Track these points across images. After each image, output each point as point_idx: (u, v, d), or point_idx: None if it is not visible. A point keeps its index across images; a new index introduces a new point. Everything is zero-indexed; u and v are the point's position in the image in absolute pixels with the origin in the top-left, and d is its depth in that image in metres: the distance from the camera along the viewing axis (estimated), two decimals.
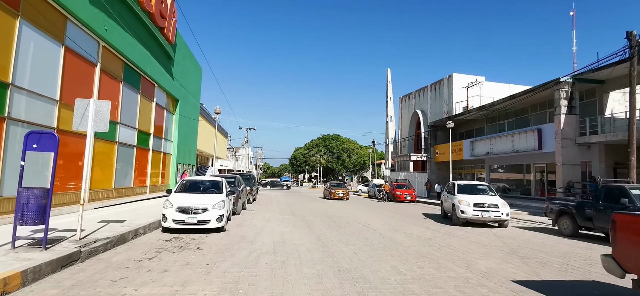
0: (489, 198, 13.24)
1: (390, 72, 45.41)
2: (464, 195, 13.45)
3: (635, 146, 12.17)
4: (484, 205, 12.79)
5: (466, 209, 12.85)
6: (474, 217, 12.68)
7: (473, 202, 12.86)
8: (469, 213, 12.74)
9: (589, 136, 17.87)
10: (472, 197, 13.29)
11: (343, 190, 28.41)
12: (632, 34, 12.06)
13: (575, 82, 18.42)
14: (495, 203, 12.83)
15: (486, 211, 12.65)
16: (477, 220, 12.81)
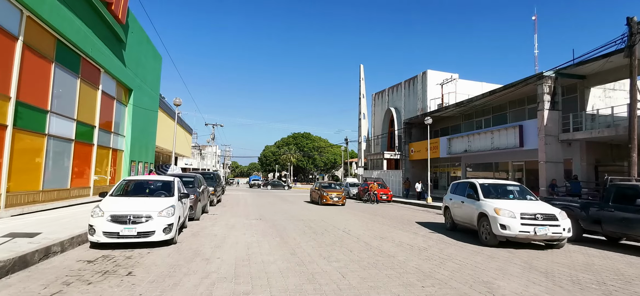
0: (536, 205, 9.08)
1: (363, 68, 44.28)
2: (501, 202, 9.28)
3: (636, 141, 11.32)
4: (536, 217, 8.56)
5: (510, 223, 8.44)
6: (522, 234, 8.38)
7: (519, 212, 8.55)
8: (515, 228, 8.38)
9: (572, 132, 17.21)
10: (512, 203, 9.15)
11: (338, 192, 21.53)
12: (633, 19, 11.20)
13: (557, 77, 17.72)
14: (551, 214, 8.65)
15: (541, 226, 8.40)
16: (527, 239, 8.61)
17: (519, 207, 8.82)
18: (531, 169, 21.00)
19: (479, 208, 9.57)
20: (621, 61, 14.93)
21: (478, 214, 9.53)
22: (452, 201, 11.63)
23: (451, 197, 11.81)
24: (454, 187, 12.16)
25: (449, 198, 11.93)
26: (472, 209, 10.00)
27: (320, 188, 21.97)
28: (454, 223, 11.46)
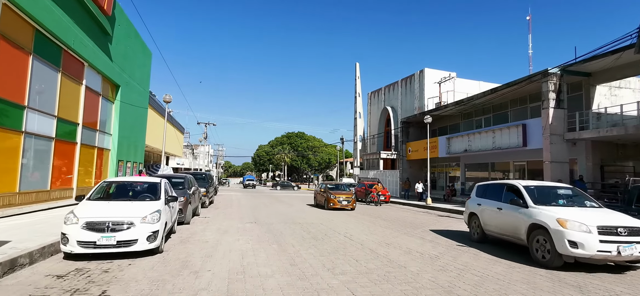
0: (611, 216, 7.05)
1: (359, 66, 43.60)
2: (565, 211, 7.26)
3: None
4: (619, 231, 6.52)
5: (583, 239, 6.49)
6: (600, 254, 6.42)
7: (596, 225, 6.58)
8: (591, 246, 6.43)
9: (578, 132, 16.66)
10: (581, 213, 7.12)
11: (347, 194, 18.41)
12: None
13: (563, 74, 17.16)
14: (637, 228, 6.62)
15: (627, 244, 6.41)
16: (607, 260, 6.62)
17: (593, 218, 6.77)
18: (533, 169, 20.47)
19: (529, 217, 7.52)
20: (630, 58, 14.41)
21: (529, 225, 7.48)
22: (481, 207, 9.52)
23: (480, 202, 9.65)
24: (483, 189, 10.00)
25: (477, 204, 9.77)
26: (517, 218, 7.94)
27: (327, 191, 18.91)
28: (485, 233, 9.38)
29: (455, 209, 19.02)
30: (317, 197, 20.69)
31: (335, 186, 20.24)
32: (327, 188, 19.24)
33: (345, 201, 18.01)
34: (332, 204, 17.93)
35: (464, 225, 13.32)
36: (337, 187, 19.96)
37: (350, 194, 18.66)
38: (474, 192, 10.43)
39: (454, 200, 25.40)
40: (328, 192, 18.60)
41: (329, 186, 19.81)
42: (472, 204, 10.19)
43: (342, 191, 19.07)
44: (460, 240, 10.21)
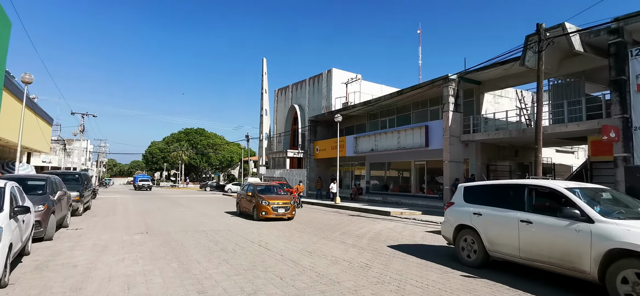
0: None
1: (266, 62, 42.10)
2: None
3: (541, 143, 11.93)
4: None
5: None
6: None
7: None
8: None
9: (472, 134, 18.21)
10: None
11: (284, 199, 14.52)
12: (541, 26, 11.78)
13: (460, 81, 18.59)
14: None
15: None
16: None
17: None
18: (433, 168, 21.93)
19: (603, 239, 4.98)
20: (515, 70, 16.14)
21: (606, 252, 4.92)
22: (483, 218, 6.84)
23: (479, 211, 6.97)
24: (479, 192, 7.32)
25: (473, 212, 7.08)
26: (572, 239, 5.35)
27: (256, 195, 14.35)
28: (487, 255, 6.77)
29: (364, 208, 19.16)
30: (241, 202, 15.90)
31: (267, 188, 15.51)
32: (257, 192, 14.63)
33: (283, 208, 13.93)
34: (264, 212, 13.69)
35: (379, 224, 13.50)
36: (268, 189, 15.29)
37: (288, 199, 14.55)
38: (458, 196, 7.71)
39: (360, 199, 25.94)
40: (258, 197, 14.19)
41: (258, 188, 15.03)
42: (460, 212, 7.43)
43: (277, 194, 14.85)
44: (375, 243, 9.78)
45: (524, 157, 21.58)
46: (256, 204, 14.09)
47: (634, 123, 11.78)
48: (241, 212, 16.04)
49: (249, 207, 14.88)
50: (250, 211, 14.60)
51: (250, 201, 14.74)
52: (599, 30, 12.72)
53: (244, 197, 15.54)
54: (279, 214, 13.82)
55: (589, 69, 15.23)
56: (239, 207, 16.39)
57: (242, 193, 16.13)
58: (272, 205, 13.77)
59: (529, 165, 22.07)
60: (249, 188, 15.51)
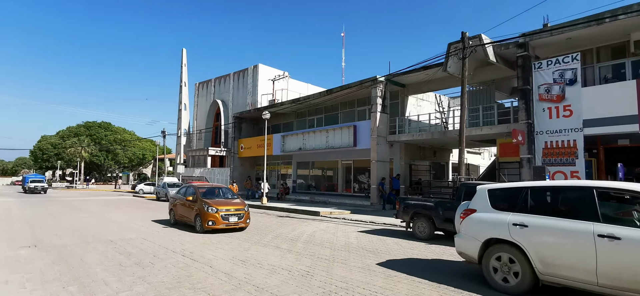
0: None
1: (186, 53, 39.10)
2: None
3: (464, 144, 12.71)
4: None
5: None
6: None
7: None
8: None
9: (398, 134, 18.91)
10: None
11: (237, 204, 11.76)
12: (466, 34, 12.54)
13: (387, 83, 19.19)
14: None
15: None
16: None
17: None
18: (359, 167, 22.33)
19: None
20: (438, 75, 17.12)
21: None
22: (530, 230, 5.27)
23: (523, 221, 5.38)
24: (516, 196, 5.71)
25: (511, 222, 5.48)
26: None
27: (199, 200, 11.44)
28: (538, 279, 5.18)
29: (293, 208, 18.65)
30: (177, 209, 12.69)
31: (211, 190, 12.54)
32: (200, 196, 11.62)
33: (236, 215, 11.23)
34: (211, 222, 10.75)
35: (311, 225, 12.77)
36: (213, 192, 12.44)
37: (241, 205, 11.78)
38: (481, 201, 6.11)
39: (287, 199, 25.41)
40: (202, 202, 11.23)
41: (201, 190, 12.15)
42: (489, 223, 5.78)
43: (226, 199, 12.12)
44: (311, 247, 9.34)
45: (441, 157, 23.22)
46: (200, 212, 11.06)
47: (536, 129, 13.20)
48: (176, 221, 12.72)
49: (188, 214, 11.76)
50: (191, 220, 11.50)
51: (190, 207, 11.69)
52: (509, 43, 14.03)
53: (181, 202, 12.43)
54: (231, 224, 11.06)
55: (498, 79, 16.83)
56: (173, 215, 12.95)
57: (177, 198, 12.95)
58: (221, 213, 10.96)
59: (445, 165, 23.83)
60: (188, 191, 12.49)
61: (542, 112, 13.05)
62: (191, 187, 12.76)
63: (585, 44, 13.29)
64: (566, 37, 12.83)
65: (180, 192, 13.18)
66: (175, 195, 13.55)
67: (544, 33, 12.98)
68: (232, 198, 12.47)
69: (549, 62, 12.97)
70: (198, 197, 11.58)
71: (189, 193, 12.27)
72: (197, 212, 11.25)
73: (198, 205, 11.33)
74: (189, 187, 12.95)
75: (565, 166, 12.43)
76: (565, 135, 12.53)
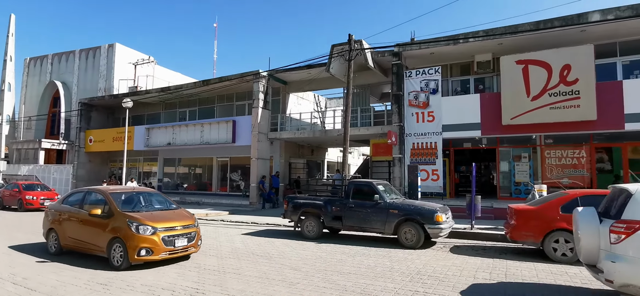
0: None
1: (14, 19, 30.55)
2: None
3: (348, 143, 13.09)
4: None
5: None
6: None
7: None
8: None
9: (279, 132, 18.57)
10: None
11: (184, 219, 7.64)
12: (352, 37, 12.95)
13: (270, 78, 18.65)
14: None
15: None
16: None
17: None
18: (236, 165, 21.14)
19: None
20: (319, 74, 17.41)
21: None
22: None
23: None
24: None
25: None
26: None
27: (119, 213, 7.20)
28: None
29: None
30: (66, 229, 7.94)
31: (130, 197, 7.96)
32: (119, 207, 7.34)
33: (185, 237, 7.29)
34: (145, 250, 6.71)
35: None
36: (134, 201, 7.92)
37: (191, 218, 7.79)
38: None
39: None
40: (124, 217, 7.05)
41: (116, 196, 7.67)
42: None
43: (166, 210, 8.03)
44: (198, 258, 8.13)
45: (317, 155, 23.93)
46: (121, 234, 6.83)
47: (406, 131, 14.65)
48: (64, 248, 7.95)
49: (93, 239, 7.33)
50: (102, 248, 7.09)
51: (97, 226, 7.26)
52: (385, 51, 15.23)
53: (76, 217, 7.80)
54: (176, 250, 7.05)
55: (373, 83, 18.18)
56: (55, 239, 8.07)
57: (66, 211, 8.12)
58: (162, 234, 6.93)
59: (320, 163, 24.68)
60: (91, 198, 7.93)
61: (411, 116, 14.56)
62: (96, 192, 8.04)
63: (444, 60, 15.40)
64: (430, 51, 14.60)
65: (69, 201, 8.42)
66: (59, 206, 8.58)
67: (413, 45, 14.48)
68: (169, 207, 8.19)
69: (417, 71, 14.56)
70: (115, 209, 7.21)
71: (93, 201, 7.79)
72: (114, 234, 6.89)
73: (116, 223, 6.98)
74: (91, 192, 8.15)
75: (428, 165, 14.14)
76: (429, 137, 14.25)
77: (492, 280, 6.17)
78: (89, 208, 7.55)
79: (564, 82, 11.95)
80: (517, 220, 7.98)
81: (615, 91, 11.76)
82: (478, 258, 7.76)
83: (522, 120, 12.56)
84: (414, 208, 9.07)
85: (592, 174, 12.93)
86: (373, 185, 9.69)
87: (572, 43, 12.51)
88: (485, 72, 14.77)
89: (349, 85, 12.92)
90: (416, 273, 6.61)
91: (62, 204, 8.51)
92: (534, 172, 13.87)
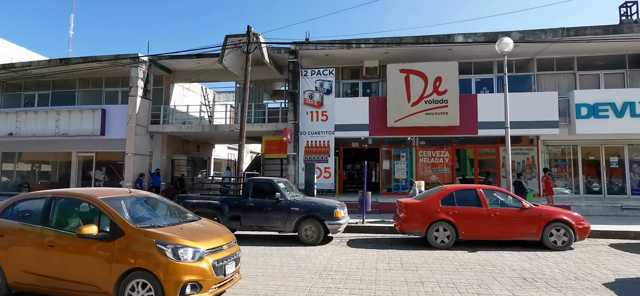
0: None
1: None
2: None
3: (245, 138, 12.41)
4: None
5: None
6: None
7: None
8: None
9: (162, 125, 16.66)
10: None
11: (226, 236, 5.29)
12: (251, 29, 12.33)
13: (151, 64, 16.57)
14: None
15: None
16: None
17: None
18: (103, 161, 18.15)
19: None
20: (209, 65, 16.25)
21: None
22: None
23: None
24: None
25: None
26: None
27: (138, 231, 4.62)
28: None
29: None
30: (23, 258, 4.96)
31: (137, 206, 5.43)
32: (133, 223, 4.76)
33: (233, 260, 5.15)
34: (192, 285, 4.46)
35: None
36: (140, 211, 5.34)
37: (228, 233, 5.53)
38: None
39: None
40: (150, 236, 4.58)
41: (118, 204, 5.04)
42: None
43: (205, 225, 5.59)
44: None
45: (204, 152, 22.36)
46: (153, 264, 4.41)
47: (301, 129, 14.81)
48: (13, 289, 5.07)
49: (88, 276, 4.64)
50: (100, 288, 4.56)
51: (98, 255, 4.61)
52: (281, 48, 15.11)
53: (43, 241, 4.89)
54: (225, 279, 4.91)
55: (266, 80, 17.86)
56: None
57: (15, 229, 5.14)
58: (211, 258, 4.73)
59: (207, 160, 23.15)
60: (70, 209, 5.21)
61: (306, 114, 14.78)
62: (75, 198, 5.27)
63: (337, 63, 16.09)
64: (325, 53, 15.08)
65: (15, 213, 5.33)
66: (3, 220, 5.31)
67: (310, 45, 14.74)
68: (185, 219, 5.63)
69: (313, 71, 14.87)
70: (125, 225, 4.70)
71: (72, 213, 5.16)
72: (128, 264, 4.50)
73: (133, 246, 4.57)
74: (63, 198, 5.26)
75: (321, 163, 14.56)
76: (322, 136, 14.69)
77: (392, 269, 6.61)
78: (66, 225, 4.97)
79: (437, 92, 13.77)
80: (406, 213, 8.80)
81: (472, 102, 14.09)
82: (374, 250, 8.26)
83: (404, 123, 14.00)
84: (315, 205, 9.16)
85: (452, 171, 15.24)
86: (274, 183, 9.45)
87: (443, 59, 14.56)
88: (373, 77, 15.99)
89: (247, 79, 12.38)
90: (323, 269, 6.65)
91: (4, 219, 5.28)
92: (410, 169, 15.63)
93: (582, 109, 13.32)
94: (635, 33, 13.04)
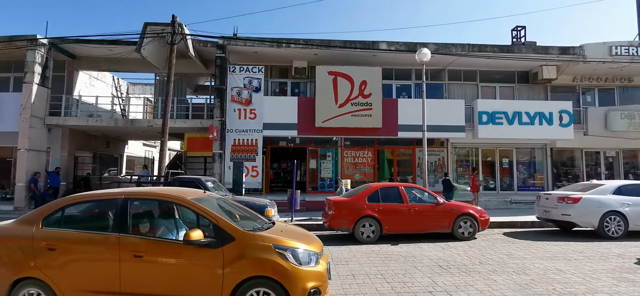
0: None
1: None
2: None
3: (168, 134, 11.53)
4: None
5: None
6: None
7: None
8: None
9: (64, 117, 14.69)
10: None
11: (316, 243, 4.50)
12: (176, 18, 11.51)
13: (52, 48, 14.52)
14: None
15: None
16: None
17: None
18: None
19: None
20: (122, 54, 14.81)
21: None
22: None
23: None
24: None
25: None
26: None
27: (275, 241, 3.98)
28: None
29: None
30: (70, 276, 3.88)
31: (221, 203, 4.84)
32: (244, 228, 4.14)
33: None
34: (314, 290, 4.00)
35: None
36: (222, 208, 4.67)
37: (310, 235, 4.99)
38: None
39: None
40: (260, 240, 4.04)
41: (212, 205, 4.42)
42: None
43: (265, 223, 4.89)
44: None
45: (114, 148, 20.29)
46: (280, 273, 3.93)
47: (228, 126, 14.35)
48: None
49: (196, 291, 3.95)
50: None
51: (204, 266, 3.95)
52: (208, 42, 14.47)
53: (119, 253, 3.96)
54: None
55: (190, 74, 16.92)
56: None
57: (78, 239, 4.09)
58: (323, 260, 4.44)
59: (118, 158, 21.05)
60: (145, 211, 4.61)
61: (234, 112, 14.37)
62: (163, 198, 4.58)
63: (266, 61, 15.91)
64: (254, 50, 14.84)
65: (72, 219, 4.41)
66: (45, 231, 4.15)
67: (239, 41, 14.37)
68: (268, 220, 5.30)
69: (241, 68, 14.51)
70: (231, 228, 4.12)
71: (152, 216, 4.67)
72: (245, 273, 3.94)
73: (248, 252, 4.01)
74: (156, 200, 4.70)
75: (249, 161, 14.29)
76: (250, 134, 14.42)
77: None
78: (156, 231, 4.42)
79: (362, 95, 14.50)
80: (335, 210, 9.12)
81: (393, 106, 15.13)
82: None
83: (331, 124, 14.45)
84: (245, 204, 8.97)
85: (374, 171, 16.17)
86: (202, 182, 9.05)
87: (368, 64, 15.36)
88: (302, 78, 16.18)
89: (171, 71, 11.60)
90: None
91: (53, 227, 4.19)
92: (335, 168, 16.17)
93: (483, 116, 15.21)
94: (522, 53, 15.33)
